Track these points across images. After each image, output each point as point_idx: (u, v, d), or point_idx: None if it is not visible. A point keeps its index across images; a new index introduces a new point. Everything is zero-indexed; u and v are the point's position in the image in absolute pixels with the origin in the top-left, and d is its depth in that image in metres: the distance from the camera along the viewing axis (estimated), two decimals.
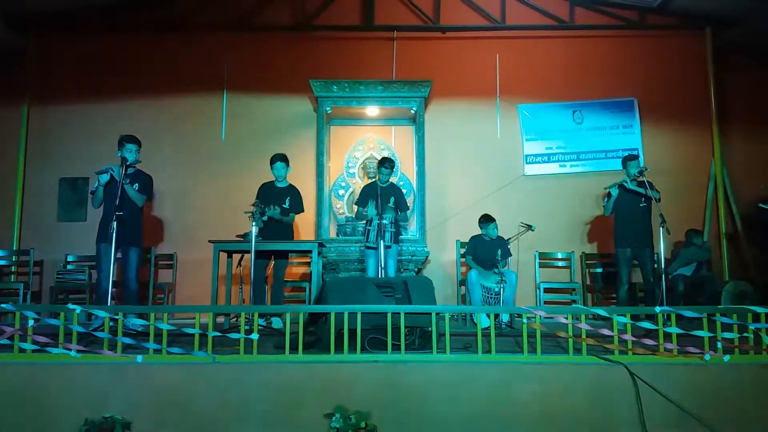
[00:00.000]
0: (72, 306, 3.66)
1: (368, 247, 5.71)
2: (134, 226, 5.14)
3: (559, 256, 7.14)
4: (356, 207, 6.06)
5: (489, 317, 5.03)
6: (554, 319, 3.95)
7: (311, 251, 5.44)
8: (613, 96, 7.53)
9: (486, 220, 6.23)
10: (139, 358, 3.55)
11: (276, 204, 5.70)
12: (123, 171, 4.87)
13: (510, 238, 6.37)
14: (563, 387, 3.52)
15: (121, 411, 3.36)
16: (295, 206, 5.86)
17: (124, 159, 4.95)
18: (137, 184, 5.14)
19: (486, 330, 3.75)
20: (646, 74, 7.51)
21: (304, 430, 3.38)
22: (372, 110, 7.33)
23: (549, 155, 7.49)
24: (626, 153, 6.35)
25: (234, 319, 5.35)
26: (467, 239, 6.43)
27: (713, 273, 6.85)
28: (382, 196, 5.58)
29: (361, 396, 3.44)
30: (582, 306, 6.63)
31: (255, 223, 5.02)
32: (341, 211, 7.32)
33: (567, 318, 3.76)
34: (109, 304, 4.62)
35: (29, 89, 7.42)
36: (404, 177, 7.32)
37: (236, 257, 5.69)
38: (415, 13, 7.66)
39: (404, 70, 7.46)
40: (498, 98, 7.52)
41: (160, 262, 7.01)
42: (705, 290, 6.40)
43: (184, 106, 7.44)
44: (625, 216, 5.85)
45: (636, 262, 5.87)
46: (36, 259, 6.90)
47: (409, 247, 6.70)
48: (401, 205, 5.96)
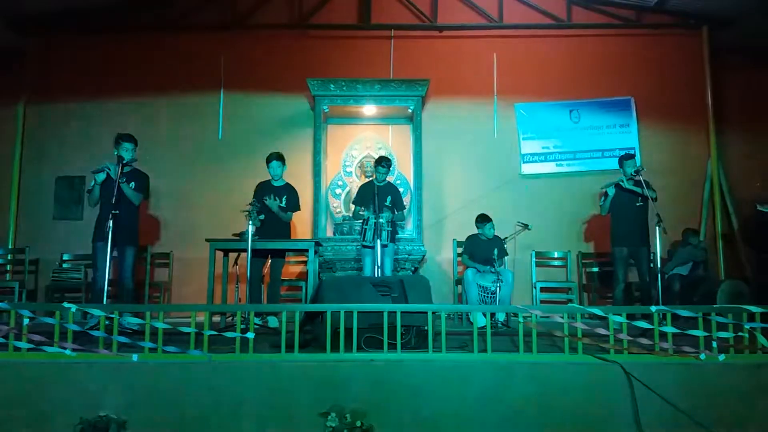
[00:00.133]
0: (67, 305, 3.64)
1: (365, 246, 5.70)
2: (130, 225, 5.13)
3: (556, 256, 7.14)
4: (353, 206, 6.06)
5: (485, 316, 5.02)
6: (550, 318, 3.95)
7: (308, 250, 5.43)
8: (610, 95, 7.54)
9: (483, 220, 6.23)
10: (135, 357, 3.54)
11: None
12: (119, 169, 4.87)
13: (506, 238, 6.37)
14: (559, 386, 3.52)
15: (117, 410, 3.34)
16: (292, 205, 5.85)
17: (121, 158, 4.93)
18: (133, 183, 5.12)
19: (482, 329, 3.74)
20: (643, 73, 7.51)
21: (300, 429, 3.38)
22: (369, 109, 7.33)
23: (546, 154, 7.49)
24: (623, 152, 6.35)
25: (230, 318, 5.35)
26: (464, 238, 6.43)
27: (709, 272, 6.86)
28: (379, 195, 5.58)
29: (357, 395, 3.43)
30: (578, 305, 6.62)
31: (251, 222, 5.01)
32: (338, 210, 7.31)
33: (563, 317, 3.76)
34: (105, 303, 4.60)
35: (27, 88, 7.41)
36: (401, 176, 7.32)
37: (232, 256, 5.68)
38: (413, 12, 7.66)
39: (401, 69, 7.45)
40: (495, 97, 7.52)
41: (156, 261, 7.00)
42: (701, 290, 6.40)
43: (181, 105, 7.44)
44: (622, 215, 5.85)
45: (632, 262, 5.86)
46: (32, 258, 6.89)
47: (406, 246, 6.70)
48: (398, 204, 5.96)
